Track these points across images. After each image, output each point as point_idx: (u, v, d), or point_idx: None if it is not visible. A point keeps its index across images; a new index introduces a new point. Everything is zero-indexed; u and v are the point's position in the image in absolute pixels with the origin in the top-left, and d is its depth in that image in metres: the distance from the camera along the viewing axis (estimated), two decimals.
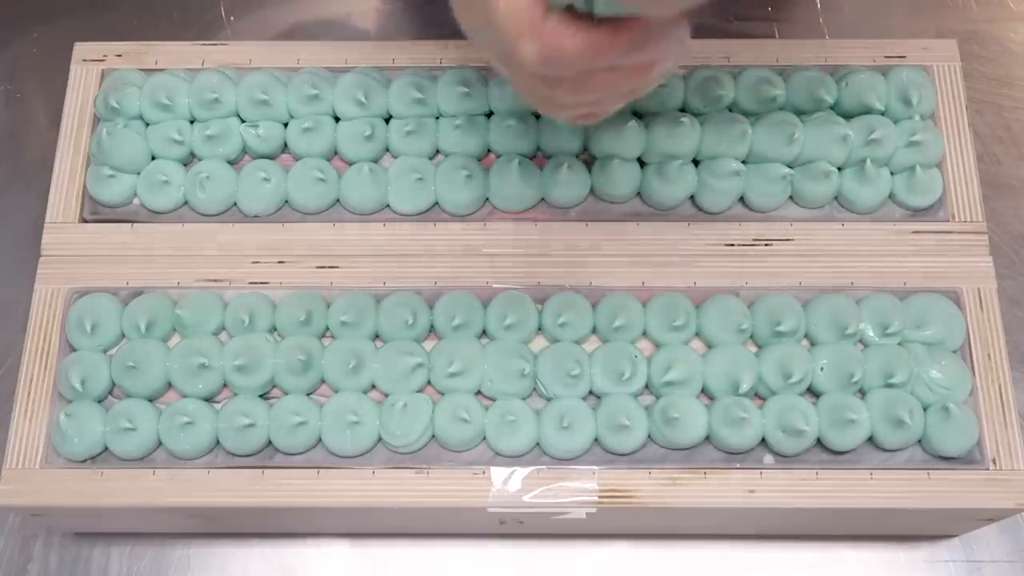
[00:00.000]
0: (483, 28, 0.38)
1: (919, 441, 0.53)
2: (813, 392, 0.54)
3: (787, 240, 0.58)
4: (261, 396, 0.55)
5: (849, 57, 0.61)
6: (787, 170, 0.57)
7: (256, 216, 0.58)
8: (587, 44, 0.36)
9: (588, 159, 0.58)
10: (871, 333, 0.55)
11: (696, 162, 0.58)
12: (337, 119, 0.59)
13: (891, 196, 0.58)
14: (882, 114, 0.59)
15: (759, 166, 0.58)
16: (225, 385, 0.55)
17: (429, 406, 0.53)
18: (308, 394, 0.55)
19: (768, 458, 0.54)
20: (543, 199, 0.58)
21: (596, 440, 0.53)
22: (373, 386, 0.55)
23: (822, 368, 0.54)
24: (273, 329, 0.56)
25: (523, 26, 0.36)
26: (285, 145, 0.59)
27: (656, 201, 0.58)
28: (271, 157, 0.60)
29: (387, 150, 0.59)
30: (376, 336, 0.56)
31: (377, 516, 0.56)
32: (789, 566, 0.60)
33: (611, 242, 0.57)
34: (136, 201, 0.59)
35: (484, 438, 0.53)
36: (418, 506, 0.53)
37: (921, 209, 0.58)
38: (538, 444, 0.53)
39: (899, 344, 0.55)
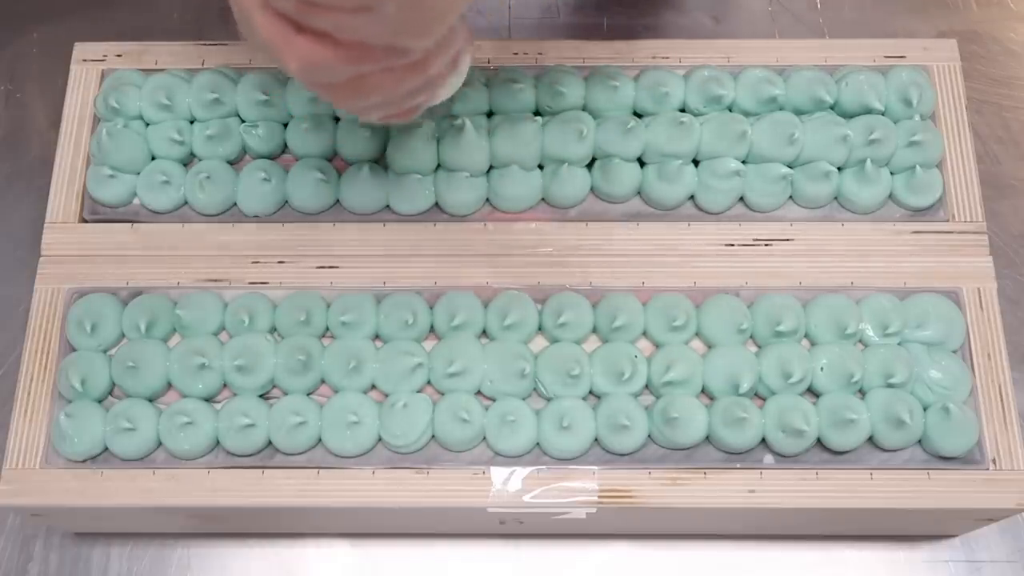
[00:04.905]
0: (259, 46, 0.40)
1: (919, 441, 0.53)
2: (813, 392, 0.54)
3: (787, 240, 0.58)
4: (261, 396, 0.55)
5: (849, 57, 0.61)
6: (787, 170, 0.57)
7: (256, 216, 0.58)
8: (338, 54, 0.38)
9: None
10: (871, 333, 0.55)
11: (696, 162, 0.58)
12: (337, 119, 0.59)
13: (891, 196, 0.58)
14: (882, 114, 0.59)
15: (759, 166, 0.58)
16: (225, 385, 0.55)
17: (429, 406, 0.53)
18: (308, 394, 0.55)
19: (768, 458, 0.54)
20: (543, 199, 0.58)
21: (596, 440, 0.53)
22: (373, 386, 0.55)
23: (822, 368, 0.54)
24: (273, 329, 0.56)
25: (279, 42, 0.38)
26: (285, 145, 0.59)
27: (656, 201, 0.58)
28: (271, 157, 0.60)
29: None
30: (376, 336, 0.56)
31: (377, 516, 0.56)
32: (789, 566, 0.60)
33: (611, 242, 0.57)
34: (136, 201, 0.59)
35: (484, 438, 0.53)
36: (418, 506, 0.53)
37: (921, 209, 0.58)
38: (538, 444, 0.53)
39: (899, 344, 0.55)
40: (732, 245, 0.57)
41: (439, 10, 0.38)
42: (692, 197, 0.58)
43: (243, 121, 0.60)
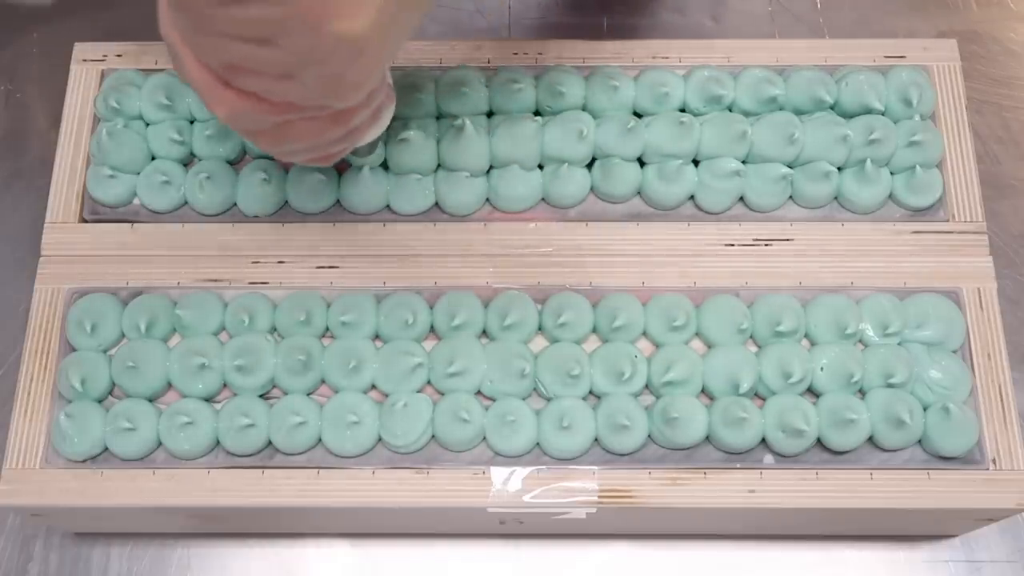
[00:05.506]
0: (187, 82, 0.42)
1: (919, 441, 0.53)
2: (813, 392, 0.54)
3: (787, 240, 0.58)
4: (261, 396, 0.55)
5: (849, 57, 0.61)
6: (787, 170, 0.57)
7: (256, 216, 0.58)
8: (262, 107, 0.40)
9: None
10: (871, 333, 0.55)
11: (696, 162, 0.58)
12: None
13: (891, 196, 0.58)
14: (882, 114, 0.59)
15: (759, 166, 0.58)
16: (225, 385, 0.55)
17: (429, 406, 0.53)
18: (308, 394, 0.55)
19: (768, 458, 0.54)
20: (543, 199, 0.58)
21: (596, 440, 0.53)
22: (373, 386, 0.55)
23: (822, 368, 0.54)
24: (273, 329, 0.56)
25: (207, 92, 0.40)
26: None
27: (656, 201, 0.58)
28: (271, 157, 0.59)
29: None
30: (376, 336, 0.56)
31: (377, 516, 0.56)
32: (789, 566, 0.60)
33: (611, 242, 0.57)
34: (136, 201, 0.59)
35: (484, 438, 0.53)
36: (418, 506, 0.53)
37: (921, 209, 0.58)
38: (538, 444, 0.53)
39: (899, 344, 0.55)
40: (732, 245, 0.57)
41: (358, 80, 0.40)
42: (692, 197, 0.58)
43: None
